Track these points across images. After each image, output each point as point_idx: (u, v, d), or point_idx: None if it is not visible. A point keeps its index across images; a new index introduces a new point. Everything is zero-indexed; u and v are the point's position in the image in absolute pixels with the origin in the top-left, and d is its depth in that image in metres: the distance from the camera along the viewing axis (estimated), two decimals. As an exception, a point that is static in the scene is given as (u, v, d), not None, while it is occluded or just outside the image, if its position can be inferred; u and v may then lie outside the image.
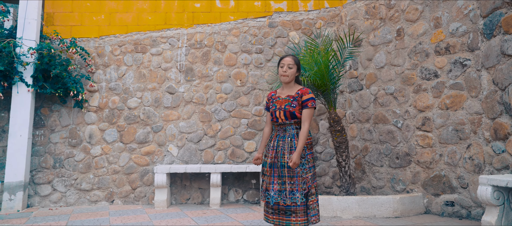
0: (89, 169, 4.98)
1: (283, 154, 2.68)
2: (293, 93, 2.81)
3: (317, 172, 5.28)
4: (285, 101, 2.77)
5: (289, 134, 2.74)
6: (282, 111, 2.73)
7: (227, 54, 5.42)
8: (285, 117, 2.73)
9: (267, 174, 2.70)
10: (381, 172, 4.82)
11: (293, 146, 2.67)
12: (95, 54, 5.29)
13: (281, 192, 2.62)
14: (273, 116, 2.77)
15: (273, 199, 2.61)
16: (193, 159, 5.11)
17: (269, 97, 2.88)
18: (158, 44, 5.37)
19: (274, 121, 2.78)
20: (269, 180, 2.68)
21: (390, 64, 4.81)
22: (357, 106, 5.22)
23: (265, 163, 2.74)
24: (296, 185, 2.62)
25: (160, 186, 4.59)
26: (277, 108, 2.76)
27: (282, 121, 2.74)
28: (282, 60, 2.78)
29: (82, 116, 5.10)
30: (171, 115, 5.22)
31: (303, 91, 2.82)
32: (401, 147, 4.59)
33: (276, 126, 2.79)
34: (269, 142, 2.81)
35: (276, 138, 2.76)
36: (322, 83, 4.11)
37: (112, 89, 5.21)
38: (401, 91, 4.65)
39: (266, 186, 2.67)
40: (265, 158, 2.78)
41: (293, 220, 2.62)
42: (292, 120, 2.74)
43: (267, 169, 2.71)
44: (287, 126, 2.74)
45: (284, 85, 2.83)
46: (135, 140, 5.11)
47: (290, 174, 2.64)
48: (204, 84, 5.34)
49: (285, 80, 2.76)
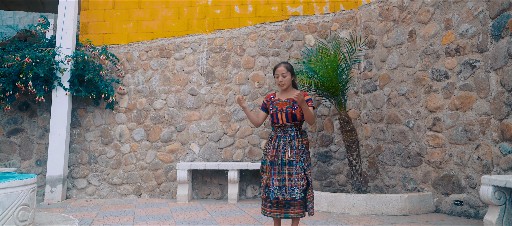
0: (119, 165, 5.46)
1: (284, 153, 2.92)
2: (292, 96, 3.05)
3: (331, 170, 5.47)
4: (286, 103, 3.01)
5: (289, 135, 2.98)
6: (284, 113, 2.98)
7: (246, 57, 5.70)
8: (286, 119, 2.97)
9: (267, 171, 2.96)
10: (393, 171, 4.93)
11: (294, 146, 2.92)
12: (124, 60, 5.75)
13: (280, 188, 2.87)
14: (274, 118, 3.02)
15: (272, 194, 2.87)
16: (213, 157, 5.46)
17: (268, 99, 3.13)
18: (181, 49, 5.75)
19: (274, 123, 3.03)
20: (269, 176, 2.94)
21: (402, 65, 4.90)
22: (371, 107, 5.35)
23: (265, 161, 3.00)
24: (295, 182, 2.86)
25: (182, 182, 4.97)
26: (279, 110, 3.01)
27: (283, 123, 2.99)
28: (275, 71, 3.03)
29: (113, 117, 5.58)
30: (193, 115, 5.59)
31: (304, 94, 3.06)
32: (412, 147, 4.69)
33: (277, 128, 3.03)
34: (269, 142, 3.06)
35: (277, 139, 3.01)
36: (331, 86, 4.30)
37: (140, 91, 5.65)
38: (413, 92, 4.73)
39: (266, 182, 2.93)
40: (265, 156, 3.04)
41: (291, 212, 2.88)
42: (293, 122, 2.99)
43: (267, 166, 2.96)
44: (288, 128, 2.99)
45: (283, 90, 3.07)
46: (160, 139, 5.52)
47: (290, 171, 2.89)
48: (223, 86, 5.65)
49: (283, 88, 3.01)
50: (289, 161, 2.90)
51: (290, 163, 2.89)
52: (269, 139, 3.09)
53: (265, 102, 3.15)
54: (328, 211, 4.27)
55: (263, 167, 3.01)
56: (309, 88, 4.52)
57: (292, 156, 2.89)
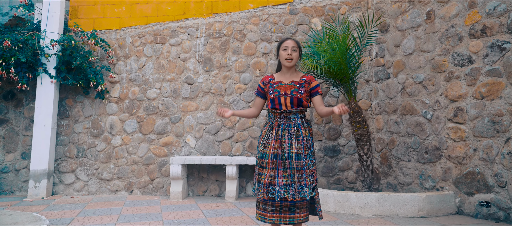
0: (110, 159, 5.06)
1: (291, 144, 2.47)
2: (297, 79, 2.60)
3: (339, 166, 5.01)
4: (290, 86, 2.56)
5: (294, 123, 2.53)
6: (289, 97, 2.53)
7: (246, 43, 5.25)
8: (291, 104, 2.52)
9: (269, 166, 2.51)
10: (408, 167, 4.45)
11: (301, 135, 2.46)
12: (116, 46, 5.34)
13: (288, 186, 2.42)
14: (275, 103, 2.57)
15: (278, 194, 2.42)
16: (210, 151, 5.04)
17: (265, 82, 2.68)
18: (177, 34, 5.33)
19: (275, 109, 2.58)
20: (272, 173, 2.49)
21: (419, 50, 4.41)
22: (384, 96, 4.87)
23: (265, 155, 2.54)
24: (304, 178, 2.42)
25: (175, 178, 4.56)
26: (282, 94, 2.56)
27: (286, 109, 2.54)
28: (284, 43, 2.57)
29: (103, 107, 5.18)
30: (189, 106, 5.17)
31: (310, 78, 2.61)
32: (430, 140, 4.21)
33: (278, 115, 2.58)
34: (269, 132, 2.61)
35: (279, 127, 2.56)
36: (339, 71, 3.83)
37: (132, 80, 5.25)
38: (431, 79, 4.24)
39: (270, 180, 2.48)
40: (265, 149, 2.58)
41: (297, 216, 2.42)
42: (298, 108, 2.54)
43: (269, 160, 2.50)
44: (292, 114, 2.54)
45: (285, 70, 2.62)
46: (154, 131, 5.12)
47: (298, 166, 2.44)
48: (222, 74, 5.22)
49: (289, 64, 2.55)
50: (297, 154, 2.43)
51: (298, 157, 2.44)
52: (268, 128, 2.62)
53: (262, 85, 2.70)
54: (336, 212, 3.83)
55: (263, 162, 2.54)
56: (315, 74, 4.06)
57: (299, 148, 2.44)
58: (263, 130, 2.64)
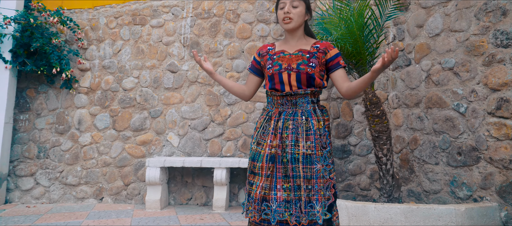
0: (77, 160, 4.26)
1: (296, 142, 1.72)
2: (307, 46, 1.83)
3: (350, 169, 4.21)
4: (296, 57, 1.80)
5: (302, 111, 1.76)
6: (294, 73, 1.76)
7: (241, 24, 4.46)
8: (298, 83, 1.75)
9: (263, 173, 1.73)
10: (436, 172, 3.67)
11: (311, 128, 1.72)
12: (88, 27, 4.55)
13: (290, 204, 1.65)
14: (274, 82, 1.80)
15: (276, 215, 1.64)
16: (196, 151, 4.24)
17: (263, 52, 1.90)
18: (159, 14, 4.53)
19: (275, 90, 1.80)
20: (268, 183, 1.70)
21: (448, 30, 3.63)
22: (403, 87, 4.08)
23: (258, 156, 1.76)
24: (315, 192, 1.64)
25: (152, 183, 3.76)
26: (284, 68, 1.79)
27: (291, 90, 1.77)
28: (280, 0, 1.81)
29: (71, 99, 4.38)
30: (172, 97, 4.37)
31: (326, 45, 1.83)
32: (465, 139, 3.42)
33: (279, 98, 1.81)
34: (265, 122, 1.83)
35: (280, 117, 1.78)
36: (355, 52, 3.05)
37: (106, 67, 4.45)
38: (465, 64, 3.46)
39: (263, 193, 1.70)
40: (258, 147, 1.81)
41: None
42: (308, 88, 1.76)
43: (263, 164, 1.73)
44: (300, 97, 1.77)
45: (289, 36, 1.84)
46: (130, 127, 4.32)
47: (306, 174, 1.67)
48: (212, 61, 4.43)
49: (289, 26, 1.78)
50: (306, 155, 1.69)
51: (306, 159, 1.70)
52: (265, 117, 1.85)
53: (258, 57, 1.93)
54: (349, 228, 3.04)
55: (255, 166, 1.77)
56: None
57: (310, 147, 1.70)
58: (258, 120, 1.87)
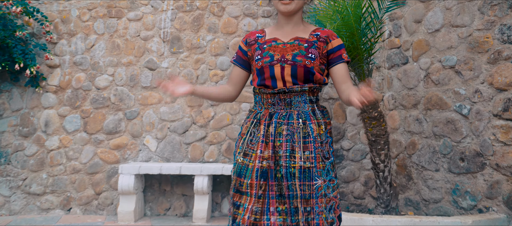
0: (42, 167, 3.85)
1: (292, 152, 1.39)
2: (306, 34, 1.51)
3: (343, 176, 3.91)
4: (292, 47, 1.48)
5: (299, 112, 1.44)
6: (289, 66, 1.44)
7: (226, 18, 4.13)
8: (293, 78, 1.43)
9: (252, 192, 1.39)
10: (436, 179, 3.39)
11: (310, 134, 1.40)
12: (58, 20, 4.15)
13: None
14: (264, 76, 1.48)
15: None
16: (176, 156, 3.87)
17: (251, 40, 1.58)
18: (137, 6, 4.16)
19: (265, 87, 1.48)
20: (259, 205, 1.37)
21: (449, 25, 3.36)
22: (400, 87, 3.80)
23: (246, 169, 1.43)
24: (315, 215, 1.33)
25: (125, 192, 3.39)
26: (276, 60, 1.47)
27: (285, 87, 1.46)
28: None
29: (37, 98, 3.97)
30: (150, 97, 4.00)
31: (328, 33, 1.52)
32: (468, 143, 3.15)
33: (270, 97, 1.48)
34: (253, 127, 1.50)
35: (271, 120, 1.46)
36: (352, 46, 2.74)
37: (77, 63, 4.05)
38: (468, 62, 3.19)
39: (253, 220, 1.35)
40: (245, 158, 1.47)
41: None
42: (306, 85, 1.45)
43: (253, 181, 1.40)
44: (296, 96, 1.45)
45: (284, 21, 1.52)
46: (103, 130, 3.93)
47: (304, 192, 1.35)
48: (194, 58, 4.08)
49: (289, 7, 1.46)
50: (303, 169, 1.38)
51: (305, 174, 1.39)
52: (252, 121, 1.52)
53: (244, 47, 1.60)
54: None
55: (242, 184, 1.43)
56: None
57: (309, 158, 1.40)
58: (244, 125, 1.54)
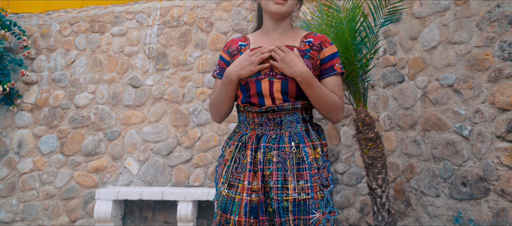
0: (13, 192, 3.55)
1: (284, 182, 1.21)
2: (296, 41, 1.34)
3: (337, 201, 3.67)
4: None
5: (290, 133, 1.26)
6: (279, 80, 1.26)
7: (214, 34, 3.95)
8: (284, 94, 1.25)
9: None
10: (437, 205, 3.17)
11: (305, 161, 1.23)
12: (37, 34, 3.94)
13: None
14: (250, 93, 1.29)
15: None
16: (159, 180, 3.61)
17: (233, 50, 1.41)
18: (121, 21, 3.98)
19: (251, 104, 1.29)
20: None
21: (447, 42, 3.22)
22: (396, 106, 3.63)
23: (232, 204, 1.24)
24: None
25: (102, 220, 3.11)
26: (264, 74, 1.30)
27: (274, 104, 1.27)
28: None
29: (11, 117, 3.71)
30: (132, 116, 3.77)
31: (322, 39, 1.34)
32: (470, 167, 2.96)
33: (256, 116, 1.29)
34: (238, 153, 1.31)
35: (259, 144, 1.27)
36: (346, 62, 2.56)
37: (56, 80, 3.82)
38: (467, 80, 3.04)
39: None
40: (230, 189, 1.27)
41: None
42: (299, 101, 1.28)
43: (241, 218, 1.20)
44: (286, 115, 1.27)
45: (271, 25, 1.35)
46: (81, 151, 3.66)
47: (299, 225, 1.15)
48: (180, 75, 3.88)
49: (282, 8, 1.29)
50: (298, 202, 1.19)
51: (299, 208, 1.19)
52: (237, 145, 1.34)
53: (227, 56, 1.44)
54: None
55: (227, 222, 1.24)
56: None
57: (304, 189, 1.20)
58: (226, 149, 1.33)
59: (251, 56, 1.24)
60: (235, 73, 1.25)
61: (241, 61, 1.26)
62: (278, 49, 1.22)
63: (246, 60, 1.24)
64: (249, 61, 1.24)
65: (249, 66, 1.24)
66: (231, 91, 1.30)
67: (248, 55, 1.26)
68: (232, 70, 1.26)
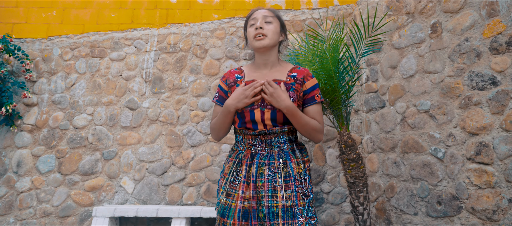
0: (10, 210, 3.66)
1: (274, 191, 1.44)
2: (283, 75, 1.57)
3: (323, 220, 3.86)
4: None
5: (279, 152, 1.47)
6: (269, 110, 1.48)
7: (208, 60, 4.20)
8: (273, 120, 1.47)
9: None
10: (415, 223, 3.39)
11: (291, 174, 1.47)
12: (39, 58, 4.13)
13: None
14: (245, 120, 1.50)
15: None
16: (154, 198, 3.76)
17: (230, 81, 1.63)
18: (120, 47, 4.21)
19: (246, 129, 1.50)
20: None
21: (423, 71, 3.52)
22: (378, 130, 3.88)
23: (228, 210, 1.44)
24: None
25: (98, 236, 3.24)
26: (257, 104, 1.54)
27: (266, 128, 1.48)
28: (251, 16, 1.55)
29: (11, 137, 3.86)
30: (129, 137, 3.95)
31: (304, 73, 1.58)
32: (444, 186, 3.20)
33: (251, 138, 1.50)
34: (235, 168, 1.51)
35: (253, 160, 1.47)
36: (330, 89, 2.82)
37: (56, 102, 4.00)
38: (441, 106, 3.31)
39: None
40: (228, 198, 1.47)
41: None
42: (286, 126, 1.49)
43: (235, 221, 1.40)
44: (276, 137, 1.48)
45: (261, 60, 1.57)
46: (78, 171, 3.81)
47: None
48: (175, 98, 4.09)
49: (262, 42, 1.52)
50: (286, 208, 1.44)
51: (287, 213, 1.39)
52: (234, 161, 1.58)
53: (225, 87, 1.66)
54: None
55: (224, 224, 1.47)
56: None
57: (290, 197, 1.42)
58: (226, 164, 1.54)
59: (246, 90, 1.48)
60: (233, 106, 1.49)
61: (238, 95, 1.49)
62: (268, 85, 1.45)
63: (242, 94, 1.48)
64: (244, 95, 1.47)
65: (245, 99, 1.47)
66: (229, 119, 1.53)
67: (243, 89, 1.49)
68: (230, 103, 1.50)
